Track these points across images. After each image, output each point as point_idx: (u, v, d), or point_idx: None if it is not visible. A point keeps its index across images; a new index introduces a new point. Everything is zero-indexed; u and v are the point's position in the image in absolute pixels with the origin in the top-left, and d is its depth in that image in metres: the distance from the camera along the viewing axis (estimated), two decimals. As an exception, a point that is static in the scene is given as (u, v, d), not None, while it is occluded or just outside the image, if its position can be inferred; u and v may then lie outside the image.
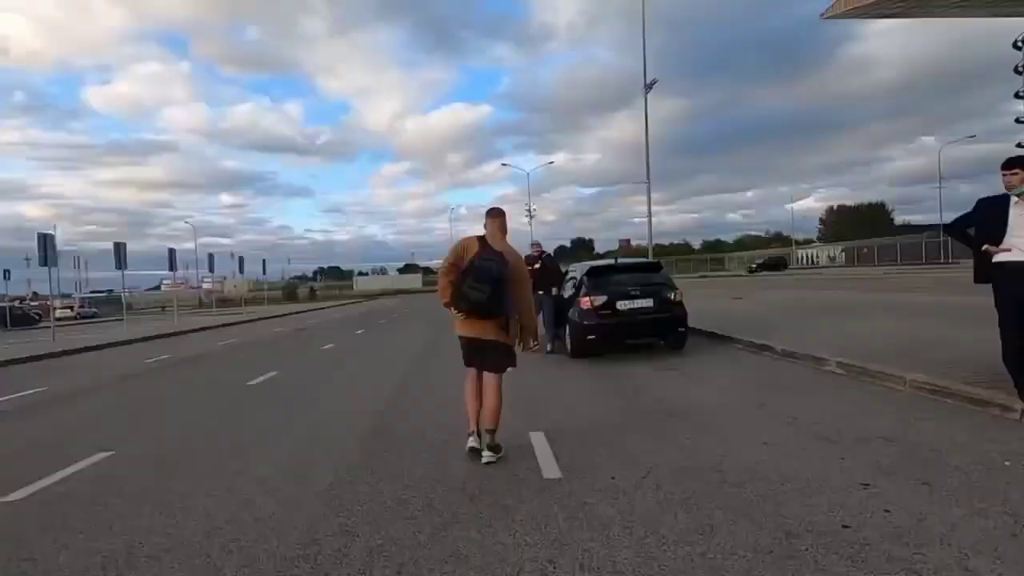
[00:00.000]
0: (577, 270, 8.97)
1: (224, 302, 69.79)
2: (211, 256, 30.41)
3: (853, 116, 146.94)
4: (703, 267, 70.67)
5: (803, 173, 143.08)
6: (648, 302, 7.80)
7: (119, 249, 22.03)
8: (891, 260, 47.49)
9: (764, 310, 13.06)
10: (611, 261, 8.65)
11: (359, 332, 16.72)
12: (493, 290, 3.69)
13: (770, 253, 65.27)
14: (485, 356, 3.96)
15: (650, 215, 21.57)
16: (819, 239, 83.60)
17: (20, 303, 53.10)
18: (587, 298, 7.85)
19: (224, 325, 25.15)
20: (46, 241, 18.45)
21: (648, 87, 19.35)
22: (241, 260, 36.81)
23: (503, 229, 4.12)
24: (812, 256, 61.67)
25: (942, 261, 42.60)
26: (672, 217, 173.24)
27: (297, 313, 34.51)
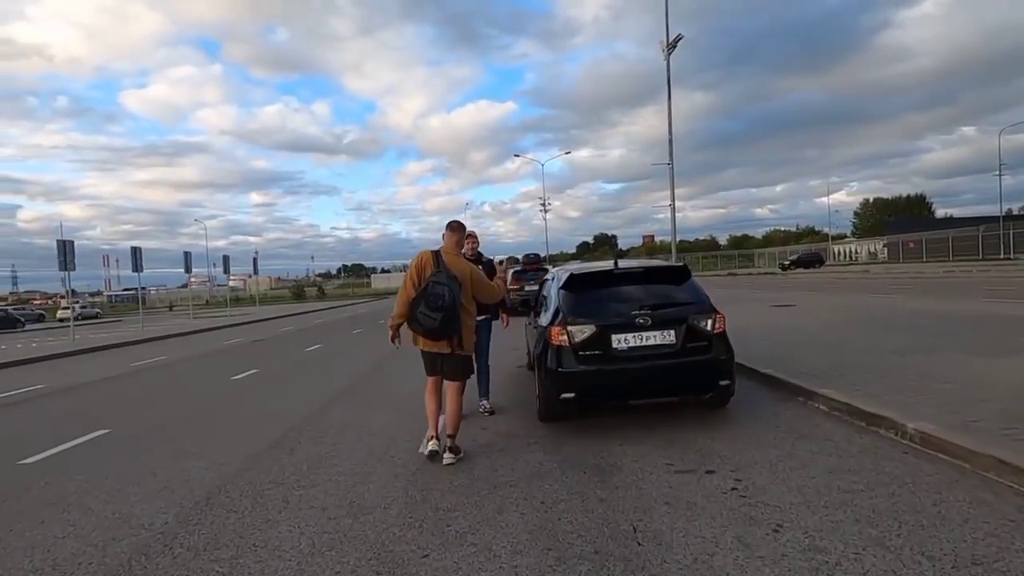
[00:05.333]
0: (552, 279, 5.71)
1: (237, 301, 68.40)
2: (187, 255, 27.80)
3: (887, 107, 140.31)
4: (730, 264, 66.39)
5: (834, 166, 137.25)
6: (666, 336, 4.51)
7: (64, 247, 19.41)
8: (941, 255, 42.98)
9: (828, 326, 9.60)
10: (606, 264, 5.37)
11: (312, 348, 13.70)
12: (443, 317, 3.96)
13: (802, 249, 60.66)
14: (444, 367, 4.23)
15: (673, 199, 18.12)
16: (854, 234, 78.57)
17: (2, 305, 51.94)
18: (560, 327, 4.59)
19: (191, 332, 22.47)
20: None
21: (672, 46, 15.90)
22: (226, 259, 34.27)
23: (459, 244, 4.43)
24: (851, 251, 56.93)
25: (1002, 256, 38.13)
26: (697, 212, 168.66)
27: (286, 316, 31.83)
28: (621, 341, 4.50)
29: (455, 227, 4.42)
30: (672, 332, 4.52)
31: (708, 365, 4.54)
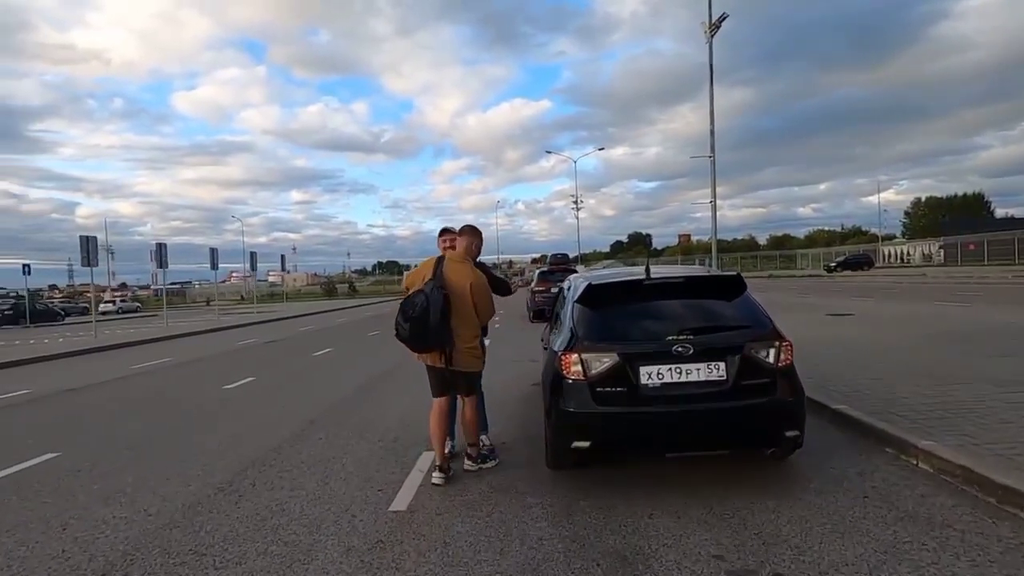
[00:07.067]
0: (569, 288, 4.62)
1: (271, 297, 69.51)
2: (213, 251, 27.70)
3: (942, 101, 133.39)
4: (770, 265, 63.64)
5: (883, 164, 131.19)
6: (713, 369, 3.39)
7: (87, 244, 19.26)
8: (1005, 258, 39.72)
9: (899, 343, 8.22)
10: (635, 270, 4.28)
11: (320, 353, 12.92)
12: (413, 328, 3.72)
13: (849, 249, 57.54)
14: (450, 382, 3.99)
15: (714, 195, 16.71)
16: (904, 234, 74.52)
17: (45, 299, 53.66)
18: (574, 355, 3.52)
19: (211, 331, 22.21)
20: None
21: (716, 26, 14.51)
22: (253, 255, 34.30)
23: (467, 250, 4.08)
24: (902, 253, 53.60)
25: (1076, 260, 34.96)
26: (735, 212, 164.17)
27: (311, 315, 31.53)
28: (652, 375, 3.40)
29: (466, 231, 4.16)
30: (721, 365, 3.39)
31: (770, 410, 3.40)
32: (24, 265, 35.04)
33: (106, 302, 55.32)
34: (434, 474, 3.96)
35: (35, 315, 35.28)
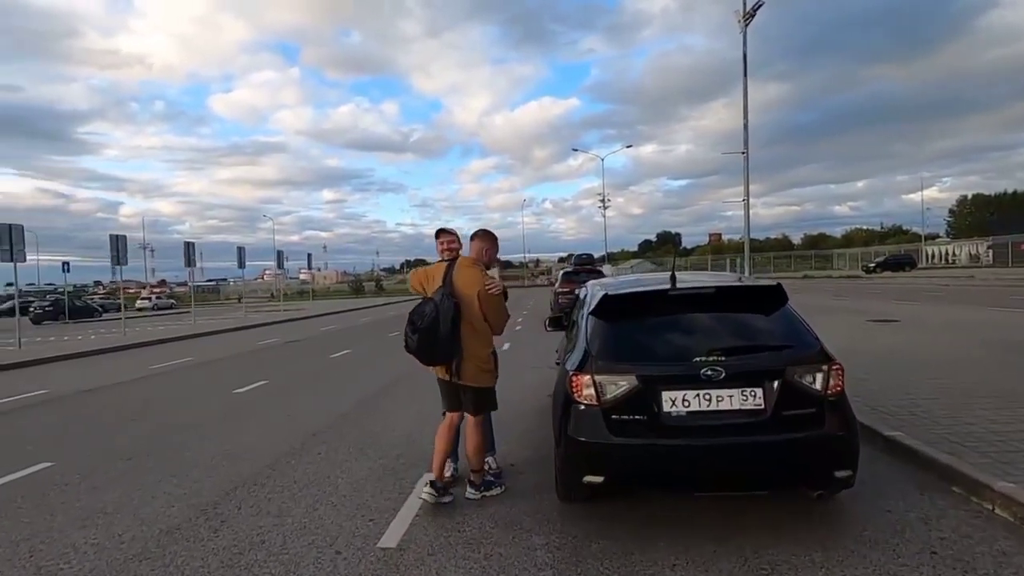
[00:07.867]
0: (586, 296, 4.17)
1: (300, 295, 70.60)
2: (240, 250, 27.98)
3: (989, 95, 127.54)
4: (805, 265, 61.56)
5: (925, 161, 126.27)
6: (749, 396, 2.91)
7: (116, 242, 19.53)
8: (1061, 260, 37.48)
9: (953, 355, 7.50)
10: (658, 277, 3.82)
11: (338, 355, 12.70)
12: (421, 340, 3.52)
13: (889, 249, 55.26)
14: (459, 397, 3.72)
15: (747, 192, 15.96)
16: (948, 233, 71.49)
17: (89, 295, 55.53)
18: (586, 377, 3.08)
19: (235, 329, 22.38)
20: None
21: (750, 15, 13.79)
22: (280, 254, 34.72)
23: (480, 255, 3.85)
24: (947, 253, 51.23)
25: None
26: (768, 210, 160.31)
27: (335, 314, 31.65)
28: (677, 402, 2.93)
29: (479, 235, 3.94)
30: (759, 391, 2.91)
31: (817, 446, 2.90)
32: (64, 263, 36.12)
33: (143, 298, 56.88)
34: (424, 488, 3.67)
35: (74, 311, 36.33)
